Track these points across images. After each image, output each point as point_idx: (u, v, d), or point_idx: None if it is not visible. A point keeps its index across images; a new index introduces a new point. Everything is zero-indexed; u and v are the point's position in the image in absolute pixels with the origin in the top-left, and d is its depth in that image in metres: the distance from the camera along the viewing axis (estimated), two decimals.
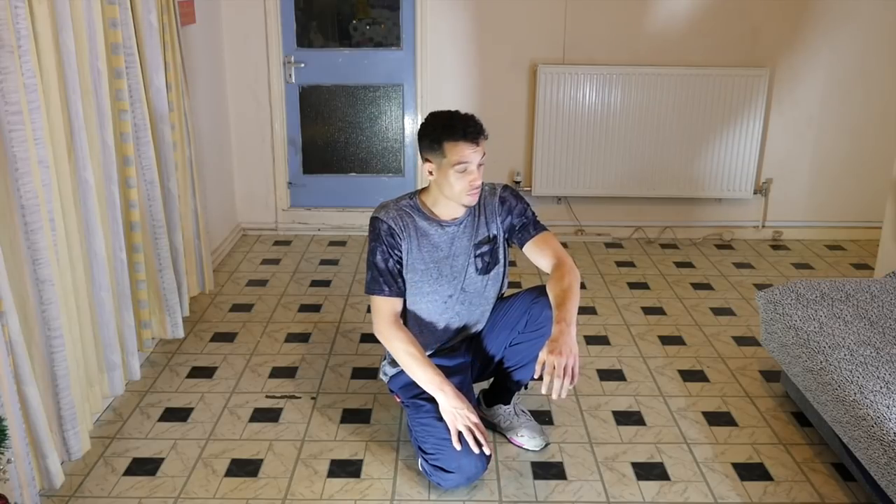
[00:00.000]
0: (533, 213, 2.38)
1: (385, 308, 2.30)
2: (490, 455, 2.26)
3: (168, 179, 3.02)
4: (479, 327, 2.45)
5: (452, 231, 2.32)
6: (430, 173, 2.25)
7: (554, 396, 2.02)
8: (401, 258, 2.29)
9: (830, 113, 4.28)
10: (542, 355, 2.04)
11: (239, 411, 2.67)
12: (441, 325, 2.38)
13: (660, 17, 4.13)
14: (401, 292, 2.31)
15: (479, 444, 2.18)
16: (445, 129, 2.19)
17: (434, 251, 2.31)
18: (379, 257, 2.28)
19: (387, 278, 2.29)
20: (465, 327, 2.43)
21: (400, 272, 2.30)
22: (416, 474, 2.33)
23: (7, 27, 1.93)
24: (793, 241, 4.46)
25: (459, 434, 2.17)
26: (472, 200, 2.25)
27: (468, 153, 2.17)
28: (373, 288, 2.30)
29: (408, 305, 2.36)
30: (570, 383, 2.03)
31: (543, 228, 2.36)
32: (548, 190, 4.32)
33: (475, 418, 2.19)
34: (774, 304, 2.62)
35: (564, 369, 2.01)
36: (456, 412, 2.18)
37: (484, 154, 2.21)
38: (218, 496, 2.24)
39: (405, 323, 2.36)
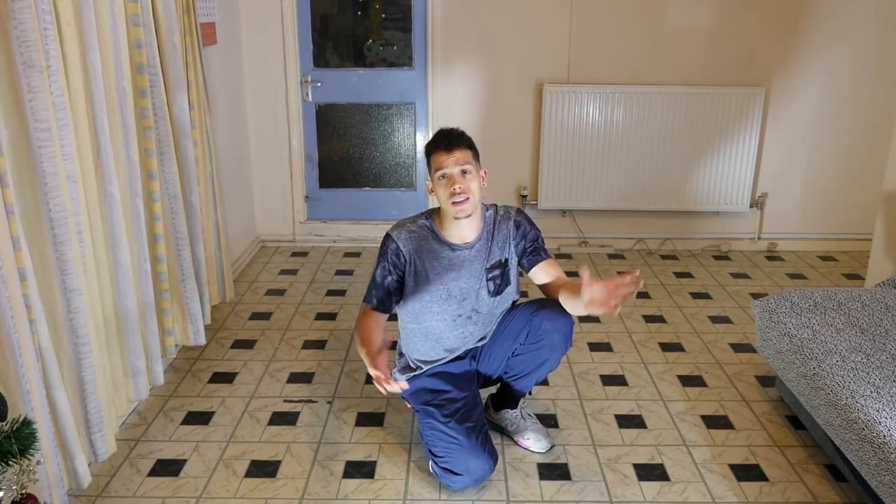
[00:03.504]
0: (542, 240, 2.44)
1: (368, 316, 2.36)
2: (496, 456, 2.31)
3: (190, 193, 3.04)
4: (487, 340, 2.48)
5: (464, 255, 2.35)
6: (431, 191, 2.33)
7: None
8: (400, 279, 2.35)
9: (823, 130, 4.31)
10: (588, 297, 2.02)
11: (258, 415, 2.71)
12: (452, 340, 2.42)
13: (660, 38, 4.17)
14: (386, 309, 2.37)
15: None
16: (430, 143, 2.32)
17: (445, 273, 2.34)
18: (379, 272, 2.36)
19: (379, 293, 2.35)
20: (475, 341, 2.48)
21: (394, 291, 2.36)
22: (428, 475, 2.36)
23: (37, 48, 1.95)
24: (787, 253, 4.49)
25: (469, 435, 2.24)
26: (459, 211, 2.26)
27: (443, 159, 2.26)
28: (366, 296, 2.39)
29: (419, 323, 2.41)
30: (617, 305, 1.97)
31: (549, 255, 2.43)
32: (553, 203, 4.37)
33: (375, 372, 2.05)
34: (770, 313, 2.65)
35: (614, 303, 1.96)
36: (370, 370, 2.10)
37: (467, 164, 2.25)
38: (238, 496, 2.27)
39: (415, 338, 2.43)
